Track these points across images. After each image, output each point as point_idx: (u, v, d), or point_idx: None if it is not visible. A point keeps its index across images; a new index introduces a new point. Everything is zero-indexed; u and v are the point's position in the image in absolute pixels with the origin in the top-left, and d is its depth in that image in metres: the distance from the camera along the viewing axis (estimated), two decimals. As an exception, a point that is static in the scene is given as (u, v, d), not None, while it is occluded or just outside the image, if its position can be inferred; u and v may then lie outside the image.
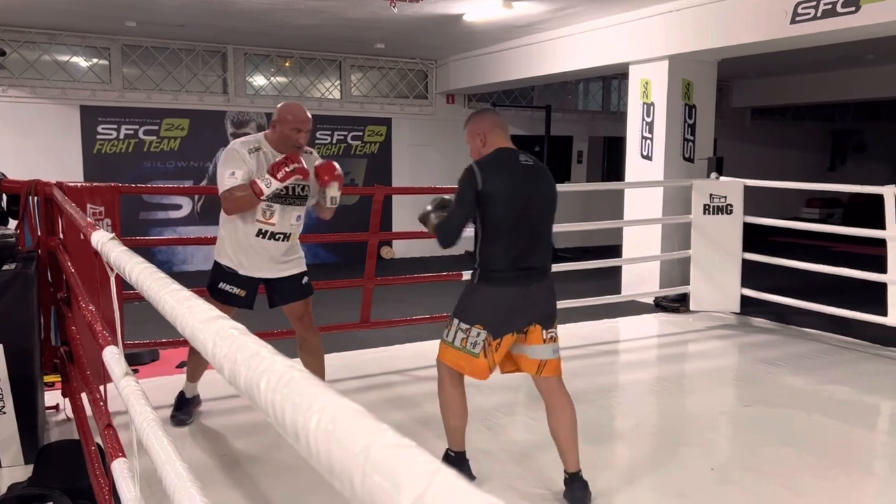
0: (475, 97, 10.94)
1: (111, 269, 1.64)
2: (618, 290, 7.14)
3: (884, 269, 5.32)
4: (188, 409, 3.78)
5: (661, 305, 6.80)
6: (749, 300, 6.29)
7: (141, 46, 8.76)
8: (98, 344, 2.01)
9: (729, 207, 6.23)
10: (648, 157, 7.21)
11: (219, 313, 0.92)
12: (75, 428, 3.25)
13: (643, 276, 7.13)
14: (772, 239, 9.13)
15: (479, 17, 7.28)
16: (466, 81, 9.90)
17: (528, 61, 8.56)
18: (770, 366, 4.99)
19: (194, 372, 3.76)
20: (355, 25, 7.74)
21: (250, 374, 0.69)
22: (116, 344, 1.86)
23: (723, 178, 6.39)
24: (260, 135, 3.47)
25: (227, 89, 9.36)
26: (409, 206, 10.00)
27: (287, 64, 9.77)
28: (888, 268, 5.27)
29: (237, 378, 0.73)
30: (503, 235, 2.82)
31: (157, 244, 8.61)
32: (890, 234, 5.25)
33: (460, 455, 3.09)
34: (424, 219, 3.13)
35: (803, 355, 5.29)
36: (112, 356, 1.85)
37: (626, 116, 7.54)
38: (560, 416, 2.93)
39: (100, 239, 1.77)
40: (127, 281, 1.43)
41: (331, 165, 3.40)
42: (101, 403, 2.31)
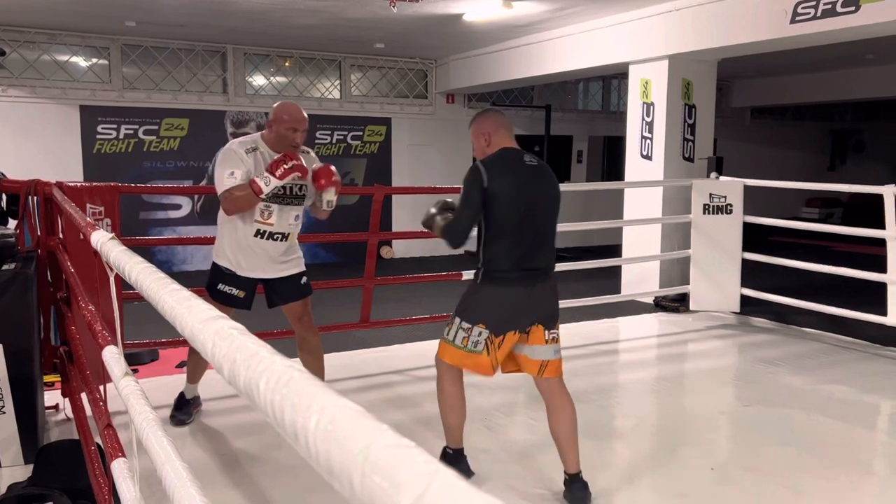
0: (475, 97, 10.94)
1: (111, 269, 1.64)
2: (617, 290, 7.14)
3: (883, 268, 5.32)
4: (188, 409, 3.78)
5: (661, 305, 6.80)
6: (749, 300, 6.29)
7: (141, 46, 8.76)
8: (98, 344, 2.01)
9: (729, 207, 6.23)
10: (648, 157, 7.21)
11: (218, 313, 0.92)
12: (75, 428, 3.25)
13: (643, 276, 7.13)
14: (771, 239, 9.13)
15: (478, 17, 7.28)
16: (466, 81, 9.89)
17: (527, 61, 8.55)
18: (770, 365, 4.99)
19: (194, 373, 3.76)
20: (355, 25, 7.73)
21: (249, 374, 0.69)
22: (116, 344, 1.86)
23: (722, 178, 6.38)
24: (256, 135, 3.47)
25: (226, 89, 9.36)
26: (409, 205, 10.01)
27: (287, 64, 9.77)
28: (888, 267, 5.27)
29: (236, 378, 0.73)
30: (507, 235, 2.82)
31: (156, 244, 8.62)
32: (889, 233, 5.25)
33: (458, 452, 3.10)
34: (429, 222, 3.10)
35: (803, 355, 5.29)
36: (112, 356, 1.85)
37: (626, 116, 7.54)
38: (560, 417, 2.93)
39: (99, 239, 1.77)
40: (126, 281, 1.43)
41: (329, 170, 3.40)
42: (101, 403, 2.31)
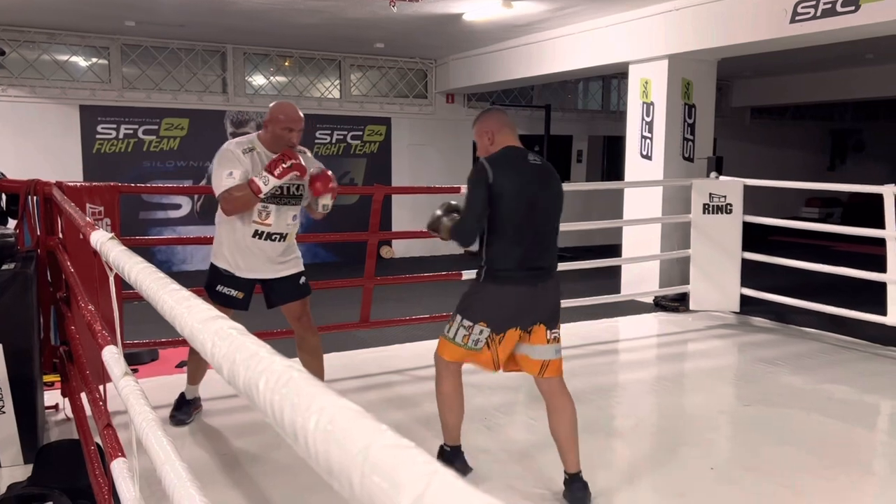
0: (475, 97, 10.94)
1: (110, 269, 1.63)
2: (617, 290, 7.14)
3: (883, 268, 5.32)
4: (188, 409, 3.78)
5: (661, 305, 6.80)
6: (748, 299, 6.29)
7: (140, 46, 8.76)
8: (97, 343, 2.01)
9: (728, 207, 6.23)
10: (648, 157, 7.21)
11: (217, 313, 0.92)
12: (75, 428, 3.25)
13: (643, 276, 7.13)
14: (771, 238, 9.13)
15: (478, 17, 7.28)
16: (466, 81, 9.89)
17: (527, 61, 8.55)
18: (769, 365, 4.99)
19: (195, 374, 3.76)
20: (355, 25, 7.73)
21: (249, 374, 0.69)
22: (116, 343, 1.86)
23: (722, 178, 6.38)
24: (253, 135, 3.47)
25: (226, 89, 9.35)
26: (409, 205, 10.01)
27: (286, 63, 9.76)
28: (888, 267, 5.27)
29: (236, 378, 0.73)
30: (510, 234, 2.81)
31: (156, 244, 8.61)
32: (889, 233, 5.25)
33: (455, 449, 3.10)
34: (436, 224, 3.08)
35: (803, 355, 5.29)
36: (111, 356, 1.85)
37: (626, 116, 7.54)
38: (561, 417, 2.93)
39: (99, 238, 1.76)
40: (126, 281, 1.43)
41: (326, 177, 3.41)
42: (101, 403, 2.31)
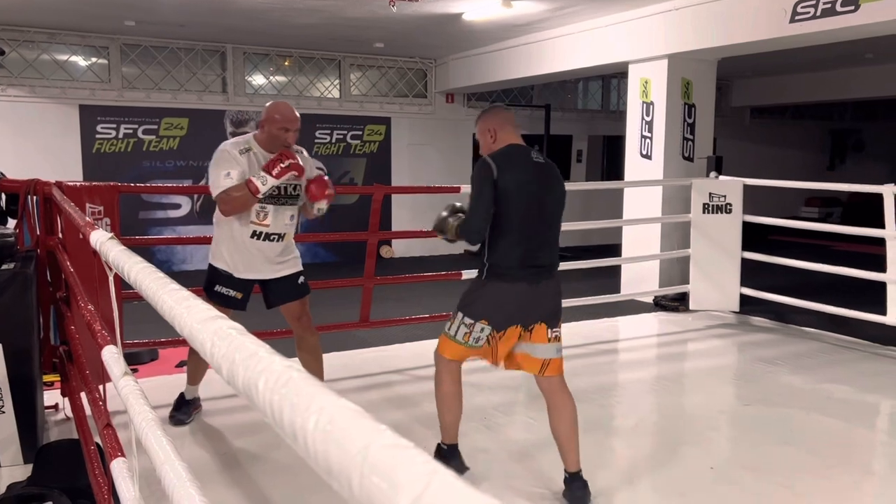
0: (474, 96, 10.93)
1: (110, 269, 1.63)
2: (617, 290, 7.14)
3: (883, 268, 5.32)
4: (187, 409, 3.77)
5: (661, 304, 6.80)
6: (748, 299, 6.29)
7: (140, 46, 8.76)
8: (97, 343, 2.01)
9: (728, 206, 6.23)
10: (648, 156, 7.20)
11: (217, 313, 0.92)
12: (74, 427, 3.25)
13: (642, 275, 7.13)
14: (771, 238, 9.13)
15: (478, 17, 7.28)
16: (466, 80, 9.89)
17: (527, 60, 8.55)
18: (769, 365, 4.99)
19: (194, 374, 3.76)
20: (354, 24, 7.73)
21: (248, 374, 0.69)
22: (115, 343, 1.86)
23: (722, 177, 6.38)
24: (249, 136, 3.47)
25: (226, 88, 9.35)
26: (409, 205, 10.01)
27: (286, 63, 9.75)
28: (887, 267, 5.27)
29: (235, 378, 0.73)
30: (513, 232, 2.81)
31: (156, 243, 8.60)
32: (889, 233, 5.25)
33: (452, 448, 3.08)
34: (442, 224, 3.06)
35: (802, 354, 5.29)
36: (111, 355, 1.85)
37: (626, 115, 7.54)
38: (561, 415, 2.92)
39: (98, 238, 1.76)
40: (126, 280, 1.43)
41: (323, 183, 3.41)
42: (101, 403, 2.30)
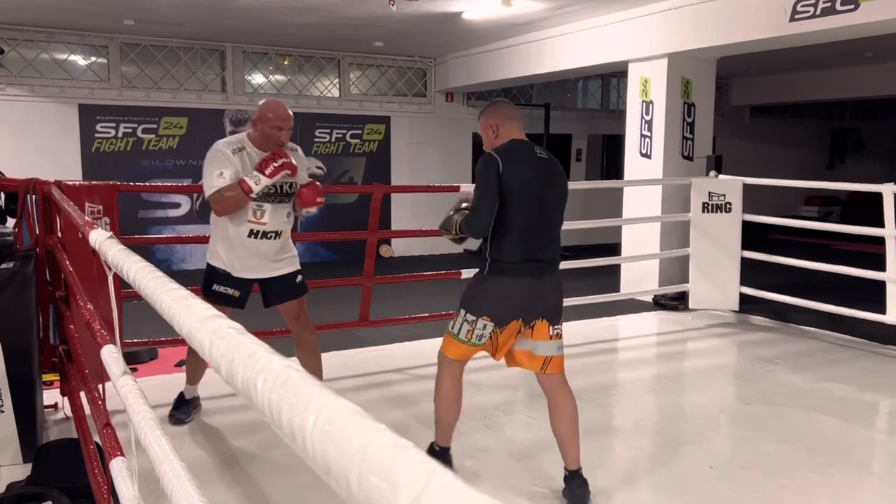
0: (474, 95, 10.92)
1: (109, 268, 1.63)
2: (617, 289, 7.14)
3: (882, 267, 5.32)
4: (186, 408, 3.77)
5: (660, 303, 6.80)
6: (748, 298, 6.29)
7: (139, 45, 8.75)
8: (96, 342, 2.01)
9: (728, 205, 6.22)
10: (647, 156, 7.20)
11: (216, 312, 0.92)
12: (74, 427, 3.25)
13: (642, 275, 7.13)
14: (771, 237, 9.13)
15: (478, 15, 7.27)
16: (465, 79, 9.88)
17: (527, 59, 8.55)
18: (769, 364, 4.99)
19: (194, 374, 3.75)
20: (354, 23, 7.72)
21: (247, 374, 0.69)
22: (115, 342, 1.86)
23: (722, 177, 6.38)
24: (242, 135, 3.47)
25: (225, 87, 9.34)
26: (408, 204, 10.01)
27: (286, 62, 9.75)
28: (887, 266, 5.27)
29: (234, 377, 0.73)
30: (516, 227, 2.80)
31: (155, 243, 8.60)
32: (888, 231, 5.25)
33: (444, 451, 3.05)
34: (447, 223, 3.03)
35: (802, 353, 5.29)
36: (110, 355, 1.85)
37: (626, 114, 7.54)
38: (562, 413, 2.92)
39: (98, 237, 1.76)
40: (125, 280, 1.43)
41: (316, 191, 3.42)
42: (100, 402, 2.30)
